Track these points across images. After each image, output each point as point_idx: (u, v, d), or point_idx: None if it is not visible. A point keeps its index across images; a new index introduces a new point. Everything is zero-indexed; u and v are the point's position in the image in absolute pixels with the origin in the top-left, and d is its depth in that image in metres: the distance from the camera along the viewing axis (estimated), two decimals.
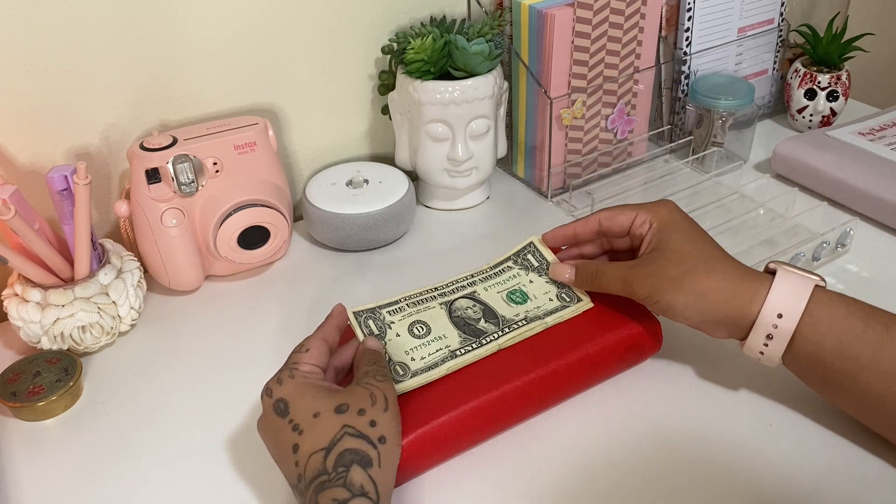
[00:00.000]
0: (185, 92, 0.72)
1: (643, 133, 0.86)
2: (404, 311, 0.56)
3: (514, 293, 0.58)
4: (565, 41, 0.74)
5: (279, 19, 0.73)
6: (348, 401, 0.45)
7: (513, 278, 0.59)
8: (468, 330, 0.55)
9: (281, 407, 0.46)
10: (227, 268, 0.71)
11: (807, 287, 0.49)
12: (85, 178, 0.58)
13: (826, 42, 0.86)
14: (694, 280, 0.50)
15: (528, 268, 0.59)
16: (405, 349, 0.53)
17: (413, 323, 0.55)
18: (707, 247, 0.53)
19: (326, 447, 0.43)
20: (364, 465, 0.43)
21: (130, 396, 0.59)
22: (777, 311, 0.48)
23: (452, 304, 0.57)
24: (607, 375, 0.56)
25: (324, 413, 0.44)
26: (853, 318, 0.48)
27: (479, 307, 0.57)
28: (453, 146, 0.73)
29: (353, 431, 0.44)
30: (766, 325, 0.49)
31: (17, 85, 0.64)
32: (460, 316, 0.56)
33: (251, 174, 0.68)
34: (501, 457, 0.52)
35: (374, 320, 0.55)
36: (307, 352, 0.49)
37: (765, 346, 0.50)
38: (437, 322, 0.55)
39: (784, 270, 0.50)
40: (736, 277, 0.50)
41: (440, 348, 0.53)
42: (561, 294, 0.58)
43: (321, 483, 0.42)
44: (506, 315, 0.56)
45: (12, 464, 0.54)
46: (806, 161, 0.78)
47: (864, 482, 0.49)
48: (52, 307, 0.59)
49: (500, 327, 0.55)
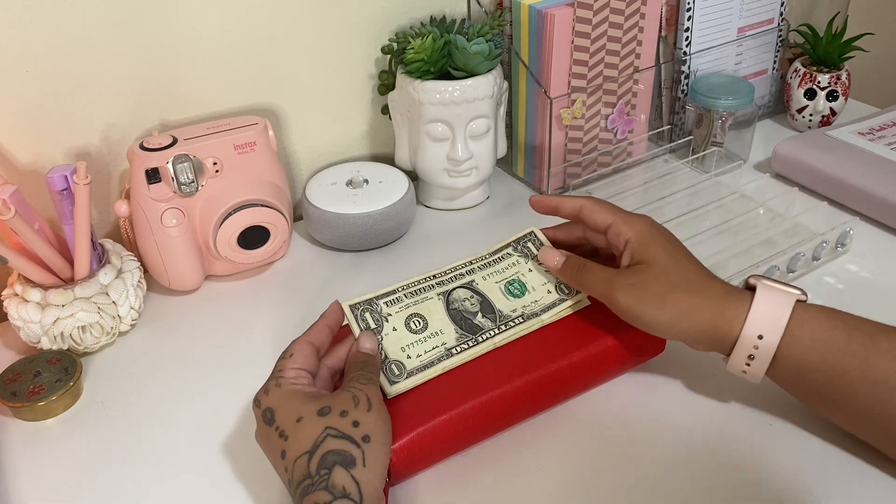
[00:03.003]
0: (185, 92, 0.72)
1: (643, 133, 0.86)
2: (402, 301, 0.55)
3: (512, 284, 0.57)
4: (565, 41, 0.74)
5: (279, 19, 0.73)
6: (331, 404, 0.45)
7: (512, 266, 0.59)
8: (465, 325, 0.55)
9: (268, 416, 0.46)
10: (227, 268, 0.71)
11: (787, 304, 0.48)
12: (85, 178, 0.58)
13: (826, 42, 0.86)
14: (678, 298, 0.50)
15: (528, 255, 0.59)
16: (402, 345, 0.53)
17: (410, 316, 0.55)
18: (688, 266, 0.52)
19: (310, 450, 0.43)
20: (347, 465, 0.42)
21: (130, 396, 0.59)
22: (757, 331, 0.48)
23: (450, 294, 0.56)
24: (609, 377, 0.56)
25: (306, 417, 0.45)
26: (836, 331, 0.47)
27: (477, 299, 0.56)
28: (453, 146, 0.73)
29: (336, 432, 0.44)
30: (746, 347, 0.49)
31: (18, 85, 0.64)
32: (457, 309, 0.55)
33: (251, 174, 0.68)
34: (501, 457, 0.52)
35: (371, 313, 0.54)
36: (291, 357, 0.49)
37: (746, 366, 0.50)
38: (434, 316, 0.55)
39: (763, 287, 0.49)
40: (717, 296, 0.50)
41: (436, 346, 0.53)
42: (560, 286, 0.57)
43: (306, 487, 0.42)
44: (503, 310, 0.56)
45: (12, 464, 0.54)
46: (806, 161, 0.78)
47: (863, 482, 0.49)
48: (52, 307, 0.59)
49: (497, 324, 0.55)
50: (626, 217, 0.54)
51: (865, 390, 0.46)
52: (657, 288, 0.50)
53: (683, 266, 0.52)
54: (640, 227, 0.53)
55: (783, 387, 0.51)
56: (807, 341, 0.47)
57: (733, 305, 0.49)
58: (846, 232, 0.69)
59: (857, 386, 0.46)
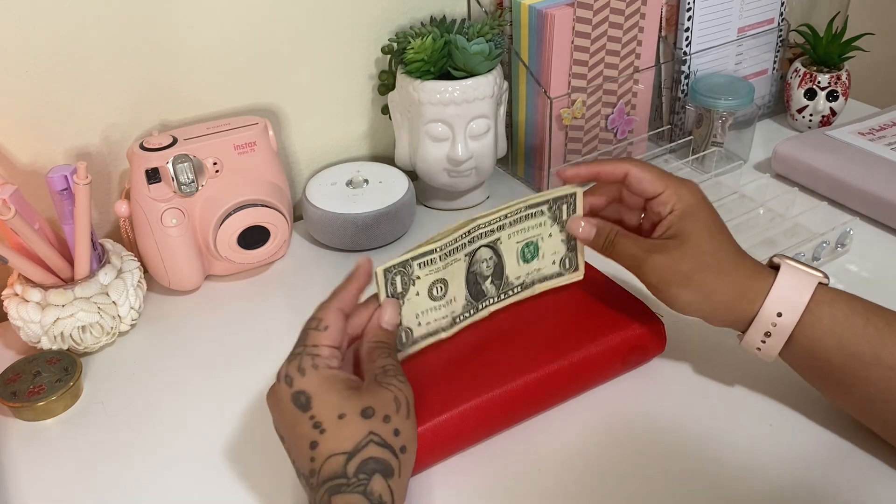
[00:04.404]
0: (185, 92, 0.72)
1: (643, 133, 0.86)
2: (435, 264, 0.52)
3: (528, 246, 0.57)
4: (565, 41, 0.74)
5: (279, 19, 0.73)
6: (374, 404, 0.44)
7: (537, 227, 0.56)
8: (473, 291, 0.55)
9: (302, 400, 0.44)
10: (227, 268, 0.71)
11: (809, 285, 0.49)
12: (85, 178, 0.58)
13: (826, 42, 0.86)
14: (703, 279, 0.50)
15: (556, 219, 0.57)
16: (418, 311, 0.52)
17: (435, 282, 0.53)
18: (724, 245, 0.52)
19: (350, 452, 0.42)
20: (386, 475, 0.42)
21: (130, 396, 0.59)
22: (777, 309, 0.49)
23: (475, 253, 0.55)
24: (610, 376, 0.56)
25: (349, 415, 0.43)
26: (854, 315, 0.48)
27: (494, 261, 0.56)
28: (453, 146, 0.73)
29: (379, 440, 0.43)
30: (764, 323, 0.49)
31: (18, 85, 0.64)
32: (474, 271, 0.55)
33: (251, 174, 0.68)
34: (501, 456, 0.52)
35: (402, 276, 0.51)
36: (326, 330, 0.47)
37: (762, 343, 0.50)
38: (455, 280, 0.54)
39: (787, 266, 0.50)
40: (743, 279, 0.50)
41: (445, 315, 0.54)
42: (564, 259, 0.57)
43: (337, 485, 0.41)
44: (509, 276, 0.56)
45: (12, 464, 0.54)
46: (806, 161, 0.78)
47: (863, 482, 0.49)
48: (52, 307, 0.59)
49: (499, 292, 0.56)
50: (676, 187, 0.53)
51: (878, 375, 0.47)
52: (686, 267, 0.50)
53: (716, 244, 0.51)
54: (688, 198, 0.52)
55: (795, 368, 0.51)
56: (825, 323, 0.48)
57: (756, 286, 0.50)
58: (846, 232, 0.69)
59: (870, 370, 0.47)
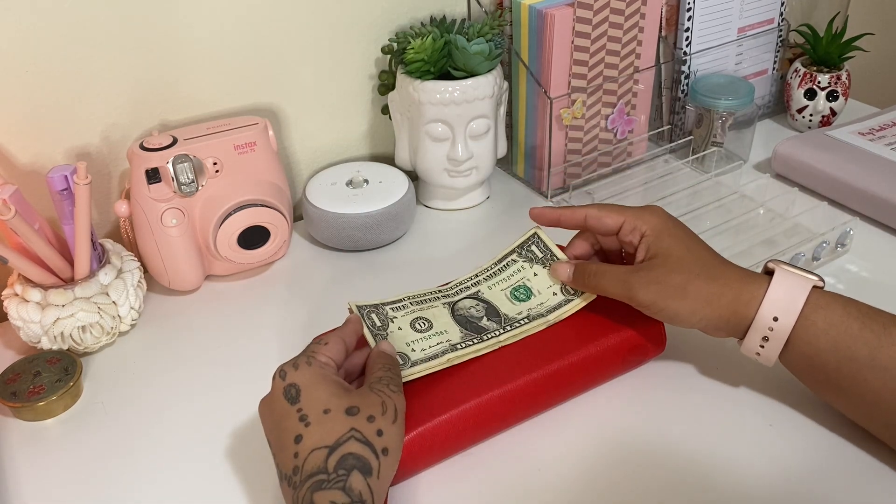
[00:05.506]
0: (185, 92, 0.72)
1: (643, 133, 0.86)
2: (407, 308, 0.56)
3: (518, 290, 0.58)
4: (565, 41, 0.74)
5: (279, 19, 0.73)
6: (360, 404, 0.45)
7: (517, 272, 0.59)
8: (470, 327, 0.55)
9: (292, 393, 0.45)
10: (227, 268, 0.71)
11: (803, 289, 0.49)
12: (85, 178, 0.58)
13: (826, 42, 0.86)
14: (698, 287, 0.50)
15: (533, 259, 0.59)
16: (406, 341, 0.53)
17: (415, 319, 0.55)
18: (704, 254, 0.53)
19: (331, 446, 0.43)
20: (365, 472, 0.42)
21: (130, 396, 0.59)
22: (773, 314, 0.49)
23: (456, 304, 0.57)
24: (610, 377, 0.56)
25: (334, 411, 0.44)
26: (850, 318, 0.48)
27: (483, 306, 0.57)
28: (453, 146, 0.73)
29: (360, 437, 0.43)
30: (761, 328, 0.49)
31: (18, 85, 0.64)
32: (463, 315, 0.56)
33: (251, 174, 0.68)
34: (501, 456, 0.52)
35: (377, 314, 0.54)
36: (326, 345, 0.49)
37: (761, 348, 0.50)
38: (440, 319, 0.55)
39: (782, 271, 0.50)
40: (735, 282, 0.51)
41: (441, 342, 0.53)
42: (565, 287, 0.57)
43: (319, 481, 0.42)
44: (508, 313, 0.56)
45: (12, 464, 0.54)
46: (806, 161, 0.78)
47: (863, 482, 0.49)
48: (52, 307, 0.59)
49: (503, 325, 0.55)
50: (636, 213, 0.54)
51: (874, 377, 0.47)
52: (677, 280, 0.51)
53: (699, 254, 0.52)
54: (653, 221, 0.54)
55: (794, 372, 0.51)
56: (821, 326, 0.48)
57: (751, 289, 0.50)
58: (846, 232, 0.69)
59: (866, 373, 0.47)
